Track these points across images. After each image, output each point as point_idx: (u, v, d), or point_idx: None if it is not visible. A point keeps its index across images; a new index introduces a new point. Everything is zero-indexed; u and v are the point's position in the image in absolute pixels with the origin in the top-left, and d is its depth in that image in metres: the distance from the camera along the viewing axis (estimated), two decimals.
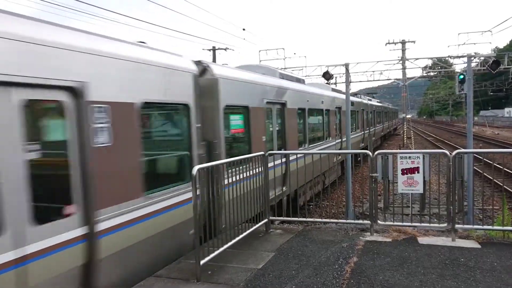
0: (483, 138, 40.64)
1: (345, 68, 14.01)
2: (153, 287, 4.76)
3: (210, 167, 5.51)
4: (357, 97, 25.61)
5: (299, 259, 5.48)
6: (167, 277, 5.06)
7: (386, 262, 5.22)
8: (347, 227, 7.03)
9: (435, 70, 39.79)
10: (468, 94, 11.66)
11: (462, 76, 12.79)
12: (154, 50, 5.89)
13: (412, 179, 6.15)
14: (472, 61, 17.32)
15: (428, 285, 4.49)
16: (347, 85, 13.86)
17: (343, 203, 14.35)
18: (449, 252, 5.54)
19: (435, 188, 11.75)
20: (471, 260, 5.22)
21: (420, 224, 6.66)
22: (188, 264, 5.41)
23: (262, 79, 9.39)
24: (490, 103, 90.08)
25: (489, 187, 14.60)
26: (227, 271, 5.13)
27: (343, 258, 5.41)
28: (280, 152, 9.54)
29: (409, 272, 4.87)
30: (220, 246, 5.33)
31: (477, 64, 32.42)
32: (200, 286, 4.71)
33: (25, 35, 3.82)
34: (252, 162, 6.40)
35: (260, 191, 6.67)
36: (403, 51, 35.11)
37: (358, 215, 12.08)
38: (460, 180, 6.11)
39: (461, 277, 4.68)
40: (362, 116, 24.51)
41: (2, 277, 3.54)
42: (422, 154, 6.21)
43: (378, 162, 6.40)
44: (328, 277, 4.81)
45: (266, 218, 6.84)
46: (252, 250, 5.92)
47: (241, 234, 5.95)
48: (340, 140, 17.53)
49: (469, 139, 11.50)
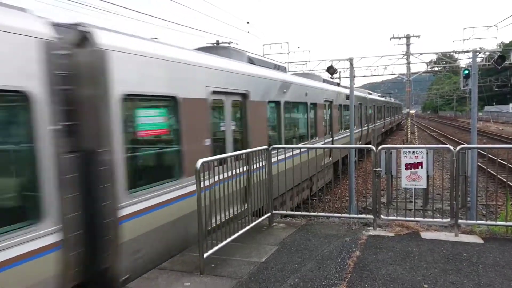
0: (487, 133, 40.47)
1: (349, 63, 14.00)
2: (157, 280, 4.81)
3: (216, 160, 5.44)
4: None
5: (302, 252, 5.51)
6: (171, 269, 5.10)
7: (388, 257, 5.24)
8: (350, 221, 7.05)
9: (440, 65, 39.58)
10: (473, 90, 11.62)
11: (467, 71, 12.75)
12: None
13: (416, 174, 6.15)
14: (477, 56, 17.21)
15: (431, 280, 4.51)
16: (351, 80, 13.84)
17: (346, 197, 14.38)
18: (451, 247, 5.55)
19: (438, 183, 11.74)
20: (474, 255, 5.23)
21: (423, 219, 6.67)
22: (191, 257, 5.45)
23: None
24: (495, 98, 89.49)
25: (493, 182, 14.57)
26: (231, 264, 5.17)
27: (346, 252, 5.43)
28: (284, 147, 8.54)
29: (412, 267, 4.89)
30: (223, 240, 5.36)
31: (482, 59, 32.24)
32: (204, 279, 4.75)
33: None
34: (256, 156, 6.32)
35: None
36: (407, 45, 34.89)
37: (361, 209, 12.09)
38: (464, 175, 6.10)
39: (464, 272, 4.69)
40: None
41: None
42: (426, 149, 6.20)
43: (381, 157, 6.40)
44: (331, 271, 4.83)
45: (269, 212, 6.87)
46: (255, 244, 5.95)
47: (244, 227, 5.97)
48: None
49: (473, 135, 11.48)
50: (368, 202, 8.82)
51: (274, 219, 7.11)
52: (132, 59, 5.07)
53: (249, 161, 6.32)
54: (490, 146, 8.49)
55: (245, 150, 6.27)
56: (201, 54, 7.25)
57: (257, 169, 6.41)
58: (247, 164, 6.36)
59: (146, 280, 4.85)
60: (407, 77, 34.29)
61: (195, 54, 6.97)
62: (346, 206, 13.70)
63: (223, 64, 7.47)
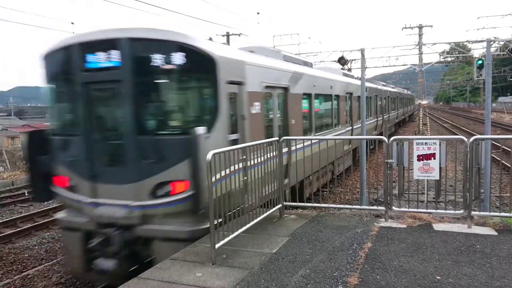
0: (501, 124, 39.88)
1: (361, 54, 13.85)
2: (170, 270, 4.86)
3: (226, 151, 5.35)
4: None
5: (313, 244, 5.51)
6: (183, 260, 5.15)
7: (400, 248, 5.22)
8: (361, 213, 7.03)
9: (453, 56, 38.94)
10: (487, 80, 11.45)
11: (481, 61, 12.53)
12: None
13: (428, 165, 6.08)
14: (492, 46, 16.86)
15: (443, 271, 4.48)
16: (362, 71, 13.72)
17: (357, 189, 14.32)
18: (464, 238, 5.50)
19: (451, 175, 11.63)
20: (487, 247, 5.18)
21: (435, 211, 6.61)
22: (203, 247, 5.49)
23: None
24: (509, 89, 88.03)
25: (507, 174, 14.38)
26: (242, 255, 5.19)
27: (357, 244, 5.42)
28: (295, 138, 9.09)
29: (424, 258, 4.86)
30: (235, 231, 5.38)
31: (497, 48, 31.64)
32: (215, 269, 4.78)
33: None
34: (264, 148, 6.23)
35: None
36: (420, 36, 34.37)
37: (372, 201, 12.04)
38: (477, 167, 6.03)
39: (477, 264, 4.66)
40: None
41: None
42: (438, 140, 6.13)
43: (393, 148, 6.35)
44: (342, 262, 4.83)
45: (280, 204, 6.88)
46: (267, 235, 5.97)
47: (256, 219, 5.99)
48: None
49: (487, 125, 11.33)
50: (380, 194, 8.77)
51: (285, 211, 7.12)
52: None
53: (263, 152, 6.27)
54: (505, 137, 8.39)
55: (259, 141, 6.20)
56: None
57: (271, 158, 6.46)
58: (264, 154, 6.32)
59: (159, 270, 4.90)
60: (419, 67, 33.84)
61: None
62: (357, 198, 13.64)
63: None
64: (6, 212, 15.06)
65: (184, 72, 6.26)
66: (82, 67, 6.50)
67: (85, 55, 6.47)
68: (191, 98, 6.81)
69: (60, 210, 7.58)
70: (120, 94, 6.32)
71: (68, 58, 6.67)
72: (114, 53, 6.27)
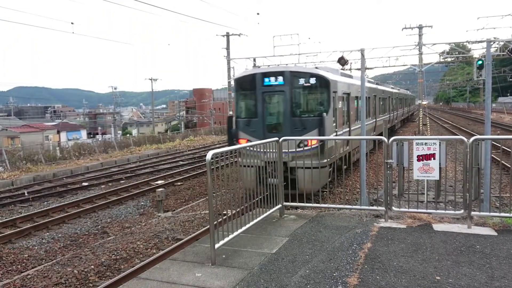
0: (501, 124, 39.87)
1: (361, 54, 13.83)
2: (169, 270, 4.86)
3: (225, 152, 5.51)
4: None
5: (313, 244, 5.51)
6: (183, 260, 5.15)
7: (400, 248, 5.22)
8: (361, 213, 7.03)
9: (453, 56, 38.94)
10: (487, 80, 11.43)
11: (481, 61, 12.53)
12: None
13: (428, 165, 6.08)
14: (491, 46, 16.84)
15: (443, 272, 4.48)
16: (362, 71, 13.71)
17: (357, 189, 14.33)
18: (464, 239, 5.50)
19: (450, 175, 11.63)
20: (487, 247, 5.17)
21: (435, 211, 6.61)
22: (203, 248, 5.49)
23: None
24: (509, 89, 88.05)
25: (507, 174, 14.39)
26: (242, 255, 5.19)
27: (357, 244, 5.42)
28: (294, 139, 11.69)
29: (424, 259, 4.86)
30: (235, 231, 5.38)
31: (497, 49, 31.63)
32: (215, 270, 4.78)
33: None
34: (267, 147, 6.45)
35: None
36: (420, 36, 34.39)
37: (372, 201, 12.05)
38: (477, 167, 6.02)
39: (477, 264, 4.65)
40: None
41: None
42: (438, 141, 6.13)
43: (393, 149, 6.35)
44: (342, 262, 4.83)
45: (280, 204, 6.87)
46: (266, 235, 5.97)
47: (255, 219, 5.99)
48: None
49: (487, 126, 11.32)
50: (379, 194, 8.77)
51: (285, 211, 7.12)
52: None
53: None
54: (505, 137, 8.38)
55: (260, 141, 6.59)
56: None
57: None
58: None
59: (158, 270, 4.90)
60: (419, 68, 33.83)
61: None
62: (357, 198, 13.64)
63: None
64: (6, 212, 15.07)
65: (314, 87, 13.36)
66: (262, 84, 13.59)
67: (263, 78, 13.59)
68: (318, 99, 13.56)
69: (60, 210, 7.53)
70: (284, 98, 13.44)
71: (254, 79, 13.75)
72: (280, 78, 13.47)
